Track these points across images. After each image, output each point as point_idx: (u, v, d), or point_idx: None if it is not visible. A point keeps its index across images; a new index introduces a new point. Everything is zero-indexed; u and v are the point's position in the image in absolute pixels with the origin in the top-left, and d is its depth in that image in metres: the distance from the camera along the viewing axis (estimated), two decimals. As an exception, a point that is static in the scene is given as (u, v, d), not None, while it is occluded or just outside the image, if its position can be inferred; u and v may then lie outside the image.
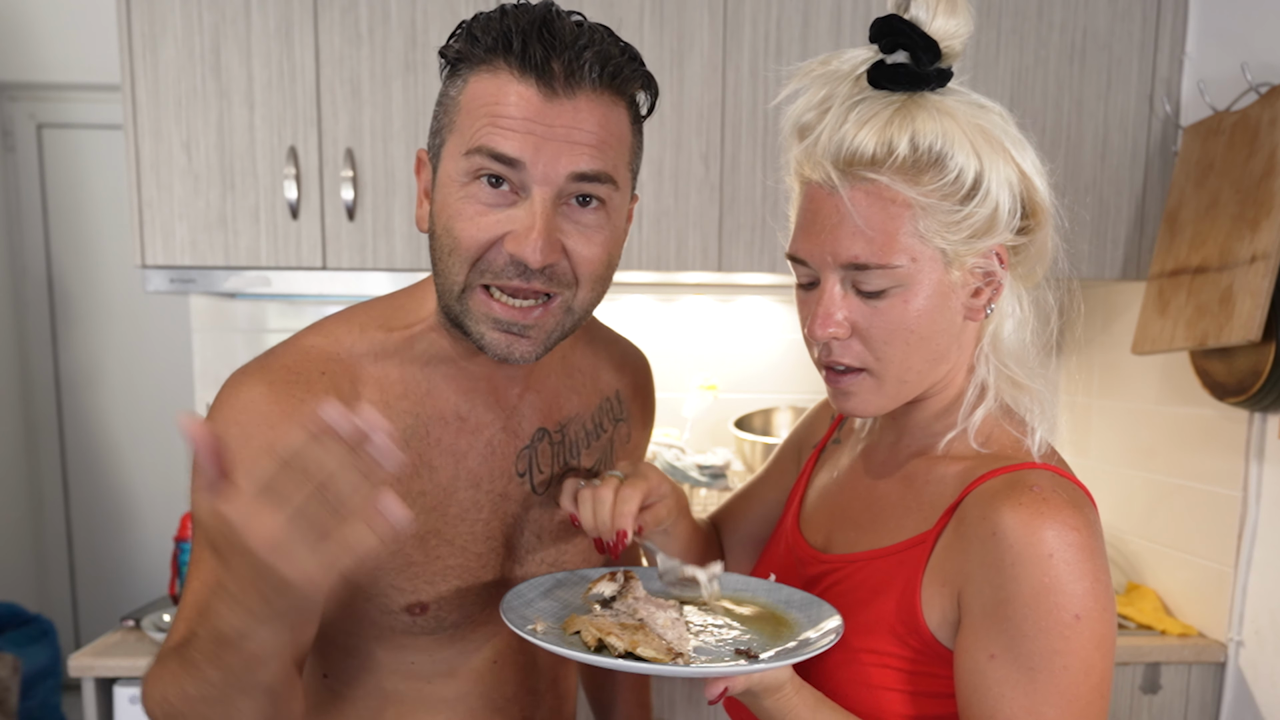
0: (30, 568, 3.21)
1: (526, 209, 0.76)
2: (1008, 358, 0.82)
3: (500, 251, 0.77)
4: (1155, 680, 1.77)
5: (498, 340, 0.79)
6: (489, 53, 0.76)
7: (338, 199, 1.77)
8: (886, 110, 0.75)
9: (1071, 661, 0.70)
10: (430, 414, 0.87)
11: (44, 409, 3.16)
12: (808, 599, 0.83)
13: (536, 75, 0.74)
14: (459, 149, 0.77)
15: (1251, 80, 1.64)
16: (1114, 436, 2.07)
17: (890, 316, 0.77)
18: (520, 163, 0.75)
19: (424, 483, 0.85)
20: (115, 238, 3.04)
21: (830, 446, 1.00)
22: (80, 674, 1.67)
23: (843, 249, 0.76)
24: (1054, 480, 0.75)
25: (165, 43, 1.73)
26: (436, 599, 0.87)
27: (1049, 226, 0.81)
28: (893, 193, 0.74)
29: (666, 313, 2.24)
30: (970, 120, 0.76)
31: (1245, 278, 1.55)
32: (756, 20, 1.80)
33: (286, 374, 0.81)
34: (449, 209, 0.78)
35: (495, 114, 0.75)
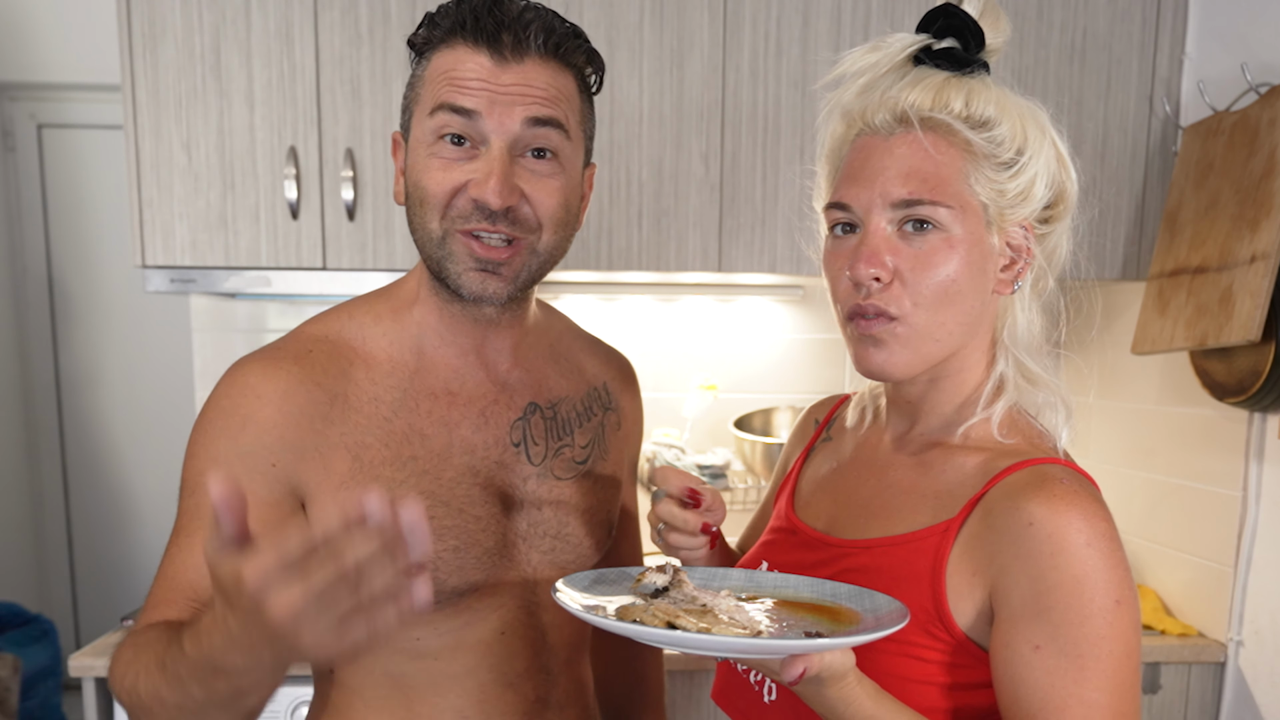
0: (30, 568, 3.21)
1: (485, 159, 0.84)
2: (1023, 352, 0.84)
3: (465, 197, 0.85)
4: (1155, 680, 1.77)
5: (473, 279, 0.87)
6: (447, 33, 0.85)
7: (338, 199, 1.77)
8: (940, 78, 0.80)
9: (1116, 646, 0.71)
10: (419, 389, 0.92)
11: (44, 409, 3.16)
12: (855, 590, 0.80)
13: (489, 45, 0.83)
14: (424, 114, 0.86)
15: (1251, 80, 1.64)
16: (1114, 436, 2.07)
17: (934, 262, 0.78)
18: (476, 113, 0.83)
19: (415, 448, 0.90)
20: (115, 238, 3.04)
21: (821, 444, 1.01)
22: (80, 674, 1.67)
23: (894, 187, 0.78)
24: (1075, 475, 0.77)
25: (165, 43, 1.73)
26: (435, 561, 0.88)
27: (1068, 222, 0.84)
28: (951, 134, 0.78)
29: (666, 313, 2.24)
30: (1018, 99, 0.81)
31: (1245, 278, 1.55)
32: (756, 20, 1.80)
33: (275, 353, 0.89)
34: (418, 168, 0.87)
35: (453, 77, 0.84)
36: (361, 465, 0.87)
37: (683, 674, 1.72)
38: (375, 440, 0.88)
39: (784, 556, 0.91)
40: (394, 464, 0.88)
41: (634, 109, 1.80)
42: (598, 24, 1.78)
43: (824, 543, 0.88)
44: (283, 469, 0.85)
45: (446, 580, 0.90)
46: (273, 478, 0.85)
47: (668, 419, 2.15)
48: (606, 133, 1.80)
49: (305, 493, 0.87)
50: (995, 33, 0.83)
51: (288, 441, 0.85)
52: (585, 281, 2.05)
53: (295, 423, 0.86)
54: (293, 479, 0.86)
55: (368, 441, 0.88)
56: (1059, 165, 0.82)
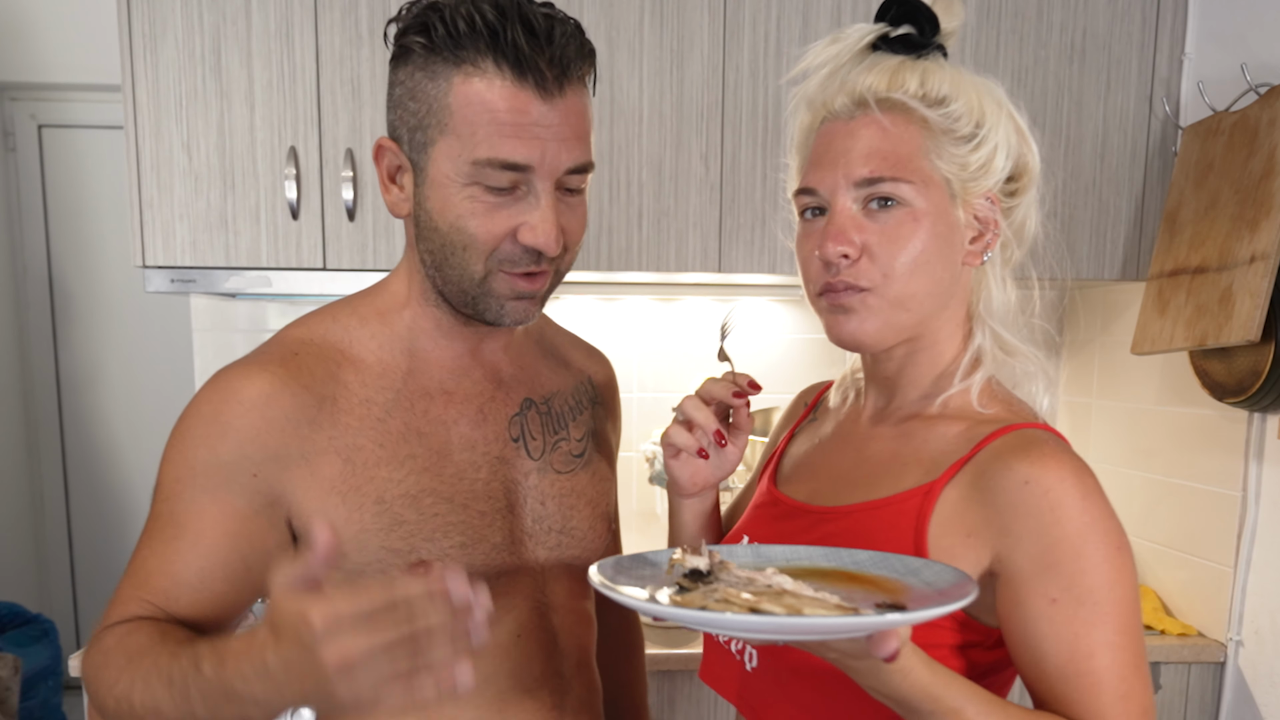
0: (30, 568, 3.21)
1: (533, 204, 0.82)
2: (998, 323, 0.86)
3: (514, 243, 0.83)
4: (1155, 680, 1.77)
5: (515, 309, 0.86)
6: (476, 53, 0.78)
7: (338, 199, 1.77)
8: (895, 61, 0.83)
9: (1124, 591, 0.74)
10: (413, 390, 0.90)
11: (44, 409, 3.16)
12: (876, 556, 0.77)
13: (534, 79, 0.78)
14: (458, 154, 0.80)
15: (1251, 80, 1.64)
16: (1114, 436, 2.07)
17: (900, 235, 0.80)
18: (529, 166, 0.80)
19: (413, 446, 0.88)
20: (115, 238, 3.04)
21: (806, 424, 1.02)
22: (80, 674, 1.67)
23: (857, 167, 0.81)
24: (1055, 438, 0.79)
25: (165, 43, 1.73)
26: (440, 557, 0.87)
27: (1033, 194, 0.86)
28: (909, 113, 0.81)
29: (666, 313, 2.24)
30: (973, 77, 0.84)
31: (1245, 278, 1.55)
32: (756, 20, 1.80)
33: (259, 358, 0.86)
34: (454, 208, 0.82)
35: (498, 121, 0.79)
36: (354, 468, 0.85)
37: (683, 674, 1.72)
38: (369, 441, 0.86)
39: (764, 529, 0.91)
40: (390, 464, 0.86)
41: (634, 109, 1.80)
42: (598, 24, 1.78)
43: (803, 510, 0.89)
44: (264, 478, 0.83)
45: None
46: (253, 489, 0.83)
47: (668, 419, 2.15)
48: (607, 133, 1.80)
49: (291, 501, 0.85)
50: (949, 17, 0.85)
51: (270, 450, 0.83)
52: (585, 281, 2.05)
53: (279, 429, 0.83)
54: (275, 488, 0.84)
55: (360, 443, 0.86)
56: (1019, 138, 0.84)
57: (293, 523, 0.86)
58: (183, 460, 0.84)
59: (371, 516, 0.85)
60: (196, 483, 0.83)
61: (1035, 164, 0.86)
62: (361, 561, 0.86)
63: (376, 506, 0.85)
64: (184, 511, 0.83)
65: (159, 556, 0.82)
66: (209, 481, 0.82)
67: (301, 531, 0.86)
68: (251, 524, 0.83)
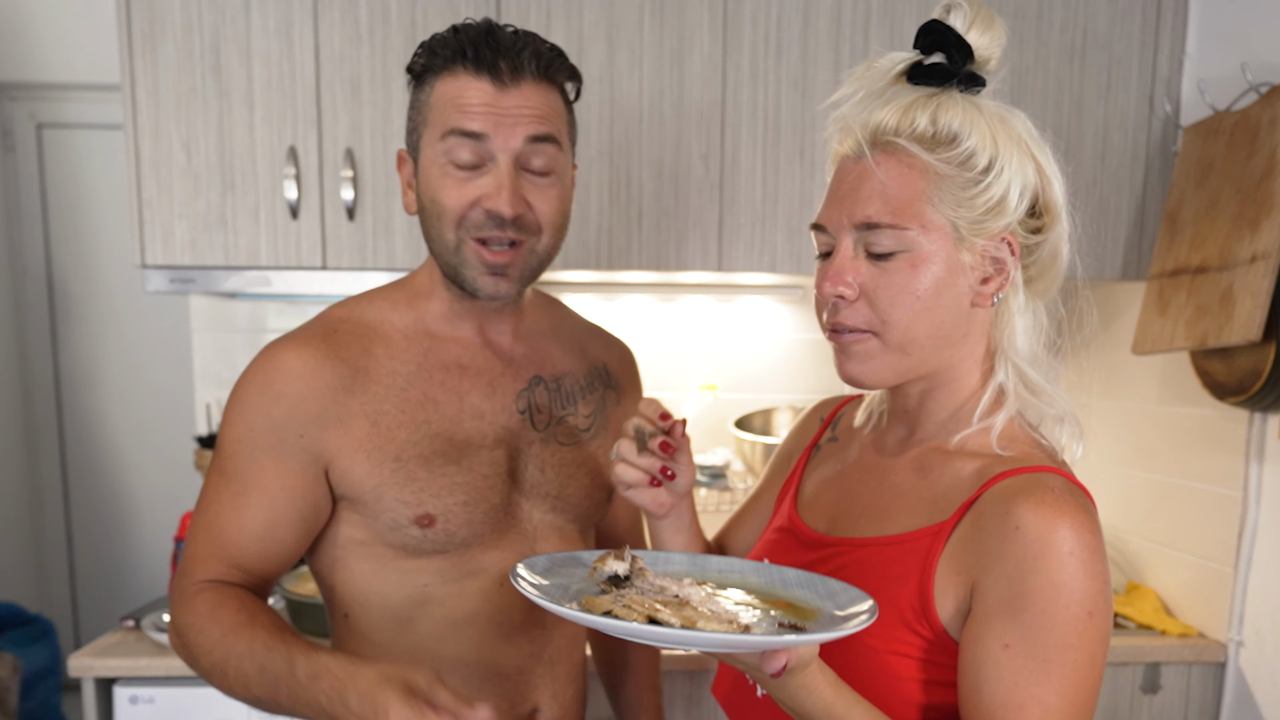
0: (30, 568, 3.21)
1: (494, 174, 0.95)
2: (1024, 362, 0.84)
3: (478, 210, 0.96)
4: (1155, 680, 1.77)
5: (487, 283, 0.98)
6: (448, 62, 0.95)
7: (338, 199, 1.77)
8: (914, 95, 0.81)
9: (1081, 656, 0.72)
10: (433, 363, 1.03)
11: (44, 409, 3.16)
12: (805, 577, 0.82)
13: (489, 71, 0.94)
14: (434, 138, 0.96)
15: (1251, 80, 1.64)
16: (1114, 436, 2.07)
17: (897, 279, 0.80)
18: (484, 135, 0.94)
19: (429, 413, 1.00)
20: (115, 238, 3.04)
21: (825, 444, 1.01)
22: (80, 674, 1.67)
23: (859, 209, 0.81)
24: (1068, 485, 0.77)
25: (165, 43, 1.73)
26: (444, 512, 0.99)
27: (1061, 229, 0.84)
28: (910, 158, 0.79)
29: (666, 313, 2.24)
30: (992, 111, 0.81)
31: (1245, 278, 1.54)
32: (756, 20, 1.80)
33: (305, 332, 1.01)
34: (432, 185, 0.97)
35: (460, 104, 0.95)
36: (379, 429, 0.98)
37: (683, 674, 1.71)
38: (392, 407, 0.99)
39: (784, 557, 0.93)
40: (409, 427, 0.99)
41: (634, 109, 1.80)
42: (598, 24, 1.78)
43: (822, 542, 0.90)
44: (309, 439, 0.97)
45: (456, 532, 0.99)
46: (300, 447, 0.97)
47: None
48: (607, 133, 1.80)
49: (328, 457, 0.98)
50: (987, 42, 0.83)
51: (313, 414, 0.97)
52: (585, 281, 2.05)
53: (320, 395, 0.97)
54: (316, 446, 0.97)
55: (385, 409, 0.99)
56: (1037, 175, 0.82)
57: (329, 474, 0.99)
58: (243, 422, 0.97)
59: (390, 473, 0.98)
60: (256, 443, 0.96)
61: (1059, 199, 0.83)
62: (377, 511, 0.98)
63: (394, 464, 0.98)
64: (247, 469, 0.97)
65: (230, 510, 0.97)
66: (266, 442, 0.96)
67: (334, 483, 0.99)
68: (302, 479, 0.97)
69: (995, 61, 0.84)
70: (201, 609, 0.93)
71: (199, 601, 0.94)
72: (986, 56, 0.83)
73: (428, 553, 1.00)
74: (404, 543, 0.99)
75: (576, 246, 1.82)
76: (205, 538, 0.97)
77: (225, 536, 0.97)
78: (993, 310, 0.84)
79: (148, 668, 1.65)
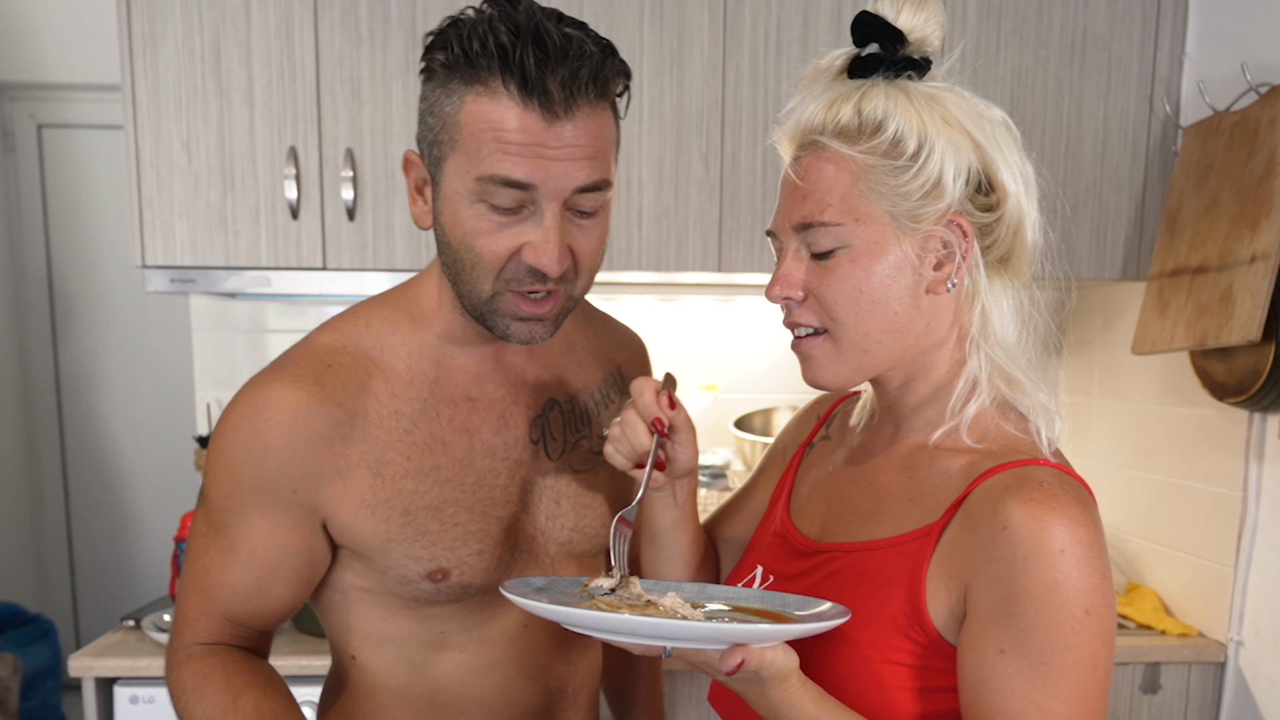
0: (30, 568, 3.21)
1: (538, 223, 0.82)
2: (999, 351, 0.82)
3: (519, 262, 0.83)
4: (1155, 680, 1.77)
5: (520, 329, 0.87)
6: (487, 73, 0.79)
7: (338, 199, 1.77)
8: (841, 90, 0.81)
9: (1081, 657, 0.70)
10: (439, 398, 0.92)
11: (44, 409, 3.16)
12: (804, 600, 0.82)
13: (539, 100, 0.78)
14: (465, 170, 0.81)
15: (1251, 80, 1.64)
16: (1114, 436, 2.07)
17: (838, 276, 0.79)
18: (531, 185, 0.80)
19: (437, 457, 0.91)
20: (115, 238, 3.04)
21: (819, 442, 1.00)
22: (80, 674, 1.67)
23: (795, 212, 0.81)
24: (1061, 477, 0.75)
25: (165, 43, 1.73)
26: (458, 564, 0.91)
27: (1017, 203, 0.80)
28: (833, 153, 0.79)
29: (666, 313, 2.24)
30: (921, 93, 0.79)
31: (1245, 278, 1.55)
32: (756, 20, 1.80)
33: (295, 370, 0.88)
34: (464, 225, 0.83)
35: (502, 140, 0.79)
36: (382, 481, 0.89)
37: (684, 674, 1.72)
38: (396, 455, 0.89)
39: (778, 564, 0.92)
40: (416, 475, 0.90)
41: (634, 109, 1.80)
42: (598, 24, 1.77)
43: (814, 549, 0.89)
44: (303, 494, 0.87)
45: (472, 582, 0.92)
46: (293, 503, 0.88)
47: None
48: (606, 133, 1.80)
49: (325, 512, 0.89)
50: (921, 22, 0.80)
51: (308, 469, 0.87)
52: (585, 281, 2.05)
53: (315, 448, 0.87)
54: (312, 502, 0.88)
55: (389, 457, 0.89)
56: (975, 152, 0.78)
57: (329, 528, 0.90)
58: (230, 478, 0.88)
59: (398, 528, 0.89)
60: (245, 499, 0.87)
61: (1007, 174, 0.79)
62: (384, 566, 0.90)
63: (403, 519, 0.89)
64: (235, 526, 0.88)
65: (220, 566, 0.89)
66: (255, 498, 0.87)
67: (335, 536, 0.91)
68: (297, 534, 0.89)
69: (935, 39, 0.82)
70: (188, 680, 0.88)
71: (186, 672, 0.89)
72: (921, 37, 0.81)
73: (442, 602, 0.93)
74: (415, 595, 0.92)
75: (576, 246, 1.82)
76: (195, 593, 0.90)
77: (215, 594, 0.90)
78: (954, 296, 0.81)
79: (148, 668, 1.65)
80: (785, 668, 0.70)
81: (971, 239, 0.80)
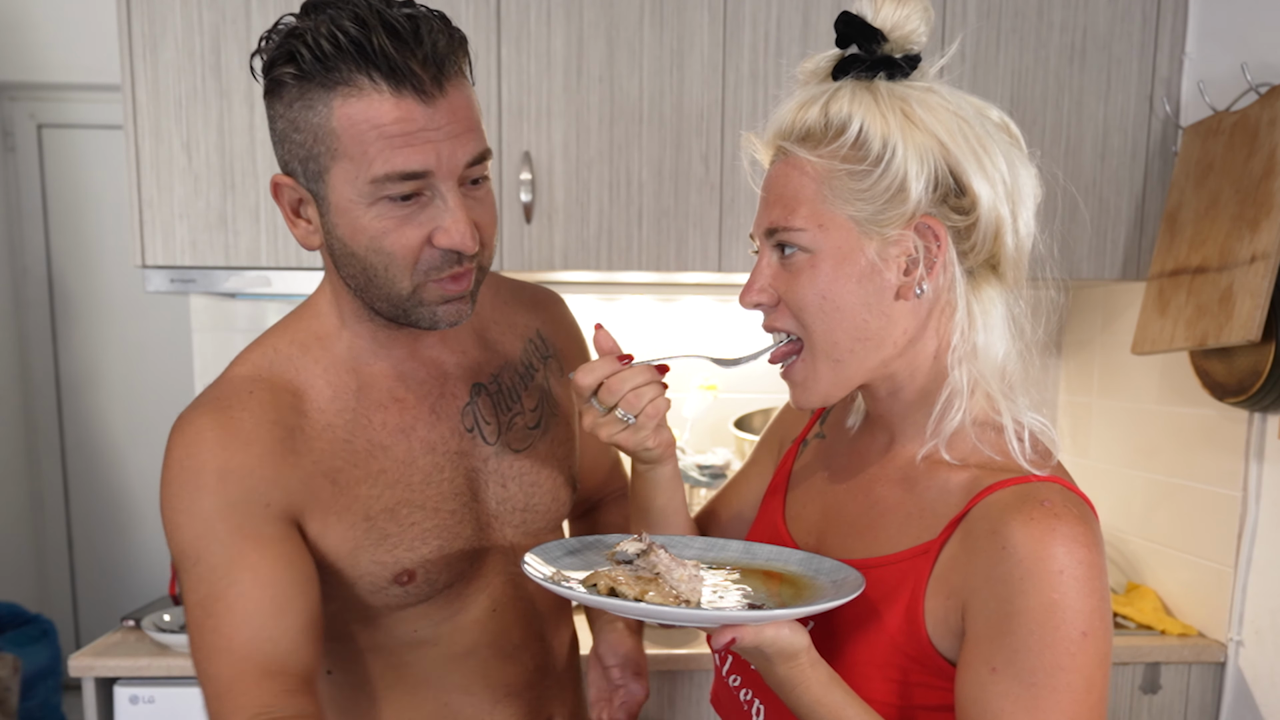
0: (30, 568, 3.21)
1: (441, 207, 0.81)
2: (982, 366, 0.79)
3: (431, 250, 0.82)
4: (1155, 680, 1.77)
5: (447, 311, 0.86)
6: (347, 74, 0.76)
7: (338, 199, 1.77)
8: (816, 90, 0.80)
9: (1075, 679, 0.69)
10: (367, 405, 0.91)
11: (44, 409, 3.16)
12: (838, 566, 0.81)
13: (412, 86, 0.77)
14: (355, 176, 0.79)
15: (1251, 80, 1.64)
16: (1114, 436, 2.07)
17: (803, 282, 0.79)
18: (428, 172, 0.79)
19: (381, 461, 0.90)
20: (115, 238, 3.04)
21: (813, 440, 0.99)
22: (80, 674, 1.67)
23: (764, 218, 0.82)
24: (1064, 494, 0.74)
25: (165, 43, 1.73)
26: (422, 563, 0.91)
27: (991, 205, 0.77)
28: (796, 159, 0.79)
29: (666, 313, 2.24)
30: (892, 93, 0.77)
31: (1245, 278, 1.55)
32: (756, 20, 1.80)
33: (220, 402, 0.85)
34: (366, 230, 0.81)
35: (386, 135, 0.77)
36: (340, 488, 0.87)
37: (684, 674, 1.72)
38: (345, 463, 0.88)
39: None
40: (366, 481, 0.88)
41: (634, 109, 1.80)
42: (598, 24, 1.78)
43: None
44: (275, 505, 0.83)
45: (438, 579, 0.92)
46: (271, 516, 0.83)
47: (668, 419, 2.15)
48: (607, 133, 1.80)
49: (300, 519, 0.86)
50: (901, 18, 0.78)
51: (269, 478, 0.83)
52: (585, 281, 2.05)
53: (272, 459, 0.84)
54: (287, 511, 0.84)
55: (339, 465, 0.88)
56: (940, 153, 0.76)
57: (307, 538, 0.86)
58: (194, 520, 0.81)
59: (363, 533, 0.88)
60: (220, 529, 0.81)
61: (978, 177, 0.76)
62: (354, 575, 0.89)
63: (365, 524, 0.88)
64: (225, 561, 0.80)
65: (228, 615, 0.79)
66: (231, 524, 0.81)
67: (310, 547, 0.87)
68: (288, 544, 0.83)
69: (920, 35, 0.79)
70: None
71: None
72: (904, 34, 0.78)
73: (412, 604, 0.92)
74: (386, 602, 0.91)
75: (577, 246, 1.82)
76: (221, 660, 0.78)
77: (239, 643, 0.78)
78: (927, 302, 0.79)
79: (148, 668, 1.65)
80: (791, 645, 0.70)
81: (944, 242, 0.77)
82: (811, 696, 0.72)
